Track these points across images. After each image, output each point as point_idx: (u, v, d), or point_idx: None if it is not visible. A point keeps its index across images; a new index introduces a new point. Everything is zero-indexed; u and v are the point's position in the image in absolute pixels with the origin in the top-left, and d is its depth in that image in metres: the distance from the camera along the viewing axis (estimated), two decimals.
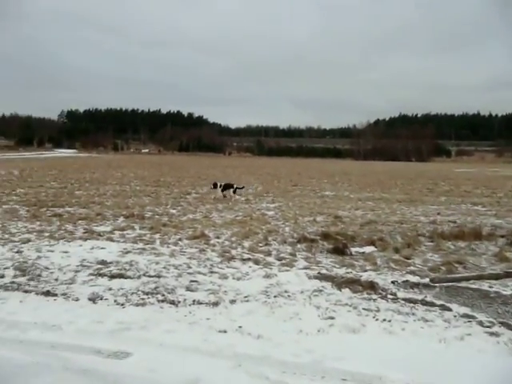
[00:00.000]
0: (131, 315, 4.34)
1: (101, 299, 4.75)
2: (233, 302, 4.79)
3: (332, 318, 4.38)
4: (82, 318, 4.22)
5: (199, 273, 5.84)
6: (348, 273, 6.01)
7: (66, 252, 6.64)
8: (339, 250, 7.19)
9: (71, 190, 15.01)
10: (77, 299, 4.73)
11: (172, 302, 4.71)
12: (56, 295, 4.82)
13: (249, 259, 6.66)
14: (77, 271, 5.69)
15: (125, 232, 8.28)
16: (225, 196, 13.91)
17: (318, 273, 6.01)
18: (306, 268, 6.29)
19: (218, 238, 8.09)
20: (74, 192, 14.55)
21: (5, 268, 5.70)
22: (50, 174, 23.58)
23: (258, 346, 3.74)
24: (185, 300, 4.79)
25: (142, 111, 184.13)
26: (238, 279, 5.66)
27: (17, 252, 6.52)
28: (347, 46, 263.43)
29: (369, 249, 7.54)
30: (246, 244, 7.67)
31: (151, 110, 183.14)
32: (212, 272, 5.91)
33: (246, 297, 4.95)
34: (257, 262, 6.50)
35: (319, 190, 18.50)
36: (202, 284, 5.37)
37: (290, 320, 4.35)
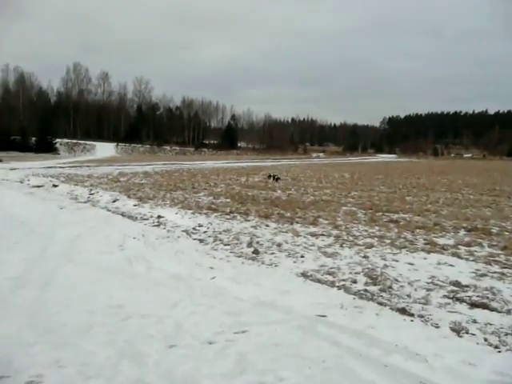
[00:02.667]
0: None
1: (466, 332, 3.98)
2: None
3: None
4: (448, 353, 3.57)
5: None
6: None
7: (411, 264, 6.20)
8: None
9: (401, 196, 14.81)
10: (437, 326, 4.13)
11: None
12: (412, 315, 4.35)
13: None
14: (428, 289, 5.11)
15: (471, 248, 7.22)
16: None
17: None
18: None
19: None
20: (405, 198, 14.27)
21: (356, 273, 5.70)
22: (376, 178, 24.44)
23: None
24: None
25: (466, 113, 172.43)
26: None
27: (363, 257, 6.52)
28: None
29: None
30: None
31: (475, 112, 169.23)
32: None
33: None
34: None
35: None
36: None
37: None
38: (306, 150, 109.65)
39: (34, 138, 65.05)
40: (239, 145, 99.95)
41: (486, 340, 3.83)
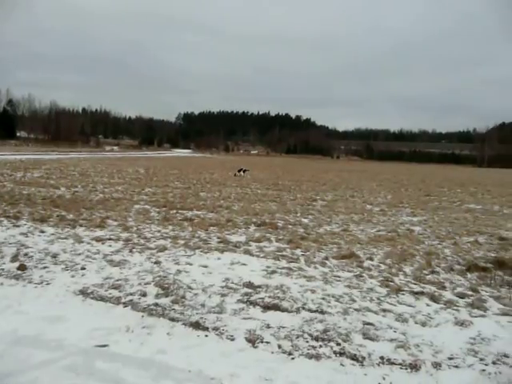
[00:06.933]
0: (306, 373, 3.27)
1: (261, 341, 3.76)
2: (437, 365, 3.48)
3: None
4: (244, 371, 3.25)
5: (369, 310, 4.62)
6: None
7: (205, 266, 5.88)
8: None
9: (195, 192, 14.79)
10: (232, 338, 3.80)
11: (354, 358, 3.55)
12: (207, 329, 3.94)
13: (422, 293, 5.29)
14: (223, 295, 4.82)
15: (261, 244, 7.40)
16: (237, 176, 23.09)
17: None
18: (505, 314, 4.74)
19: (370, 259, 6.81)
20: (199, 194, 14.29)
21: (146, 283, 5.05)
22: (171, 173, 24.20)
23: None
24: (369, 355, 3.60)
25: (252, 114, 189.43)
26: (423, 325, 4.32)
27: (155, 263, 5.92)
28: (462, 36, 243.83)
29: None
30: (407, 270, 6.30)
31: (260, 113, 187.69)
32: (384, 310, 4.65)
33: (450, 358, 3.61)
34: (434, 299, 5.10)
35: (459, 202, 16.18)
36: (380, 329, 4.14)
37: None
38: (99, 142, 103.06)
39: None
40: (18, 134, 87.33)
41: (280, 347, 3.67)
